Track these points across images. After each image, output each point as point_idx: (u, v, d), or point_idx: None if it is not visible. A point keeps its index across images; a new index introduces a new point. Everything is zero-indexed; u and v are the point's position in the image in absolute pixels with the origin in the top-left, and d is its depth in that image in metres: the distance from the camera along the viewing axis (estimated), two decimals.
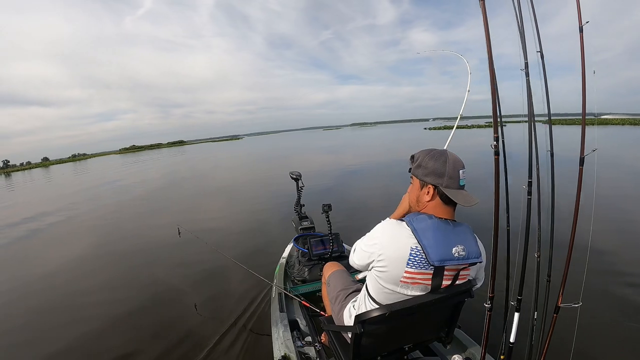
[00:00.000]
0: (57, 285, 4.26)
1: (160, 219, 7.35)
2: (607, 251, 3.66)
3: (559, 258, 1.52)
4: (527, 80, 1.36)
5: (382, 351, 1.41)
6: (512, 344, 1.48)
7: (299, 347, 1.92)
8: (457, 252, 1.10)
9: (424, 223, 1.12)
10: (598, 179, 1.45)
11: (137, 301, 3.50)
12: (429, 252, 1.08)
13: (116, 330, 3.01)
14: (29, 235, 7.25)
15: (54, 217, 8.76)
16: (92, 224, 7.69)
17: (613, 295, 2.83)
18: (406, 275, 1.13)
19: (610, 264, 3.38)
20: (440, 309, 1.34)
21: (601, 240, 3.90)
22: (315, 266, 2.81)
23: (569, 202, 1.51)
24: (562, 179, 1.67)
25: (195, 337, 2.77)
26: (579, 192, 1.43)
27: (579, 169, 1.39)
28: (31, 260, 5.59)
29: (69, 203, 10.99)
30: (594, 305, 2.60)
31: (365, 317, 1.21)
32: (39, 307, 3.62)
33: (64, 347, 2.81)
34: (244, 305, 3.17)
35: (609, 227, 4.43)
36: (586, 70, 1.26)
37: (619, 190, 6.52)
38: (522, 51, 1.37)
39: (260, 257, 4.26)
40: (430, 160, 1.16)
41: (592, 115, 1.29)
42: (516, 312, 1.48)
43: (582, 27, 1.26)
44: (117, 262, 4.90)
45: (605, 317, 2.51)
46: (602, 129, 28.32)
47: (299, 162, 17.73)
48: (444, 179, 1.13)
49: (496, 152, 1.19)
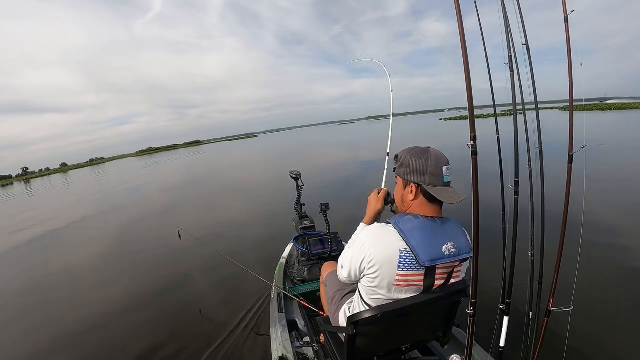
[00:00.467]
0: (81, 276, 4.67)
1: (178, 218, 7.54)
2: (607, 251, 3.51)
3: (550, 260, 1.45)
4: (511, 74, 1.30)
5: (379, 351, 1.39)
6: (502, 348, 1.43)
7: (297, 347, 1.93)
8: (448, 250, 1.09)
9: (411, 224, 1.10)
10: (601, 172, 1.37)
11: (135, 303, 3.62)
12: (418, 253, 1.06)
13: (122, 325, 3.19)
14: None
15: (88, 221, 9.07)
16: (94, 233, 7.76)
17: (607, 297, 2.71)
18: (398, 279, 1.11)
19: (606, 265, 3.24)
20: (436, 308, 1.31)
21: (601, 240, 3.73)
22: (314, 266, 2.81)
23: (559, 201, 1.44)
24: (551, 177, 1.59)
25: (194, 337, 2.81)
26: (568, 191, 1.35)
27: (568, 167, 1.32)
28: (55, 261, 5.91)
29: (86, 209, 11.33)
30: (586, 307, 2.49)
31: (357, 318, 1.19)
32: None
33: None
34: (244, 305, 3.20)
35: (609, 227, 4.21)
36: (573, 61, 1.19)
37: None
38: (507, 45, 1.31)
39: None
40: (412, 159, 1.14)
41: (580, 101, 1.21)
42: (505, 316, 1.43)
43: (567, 17, 1.19)
44: (118, 261, 5.21)
45: (599, 320, 2.41)
46: (617, 114, 26.87)
47: (312, 158, 17.68)
48: (426, 176, 1.11)
49: (473, 151, 1.13)
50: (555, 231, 1.50)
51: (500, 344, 1.45)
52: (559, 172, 1.41)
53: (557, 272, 1.38)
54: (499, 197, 1.87)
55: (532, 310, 1.51)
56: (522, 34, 1.32)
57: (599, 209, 4.63)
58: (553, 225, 1.54)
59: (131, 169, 32.68)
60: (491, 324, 1.69)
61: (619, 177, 6.58)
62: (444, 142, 16.35)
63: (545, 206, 1.52)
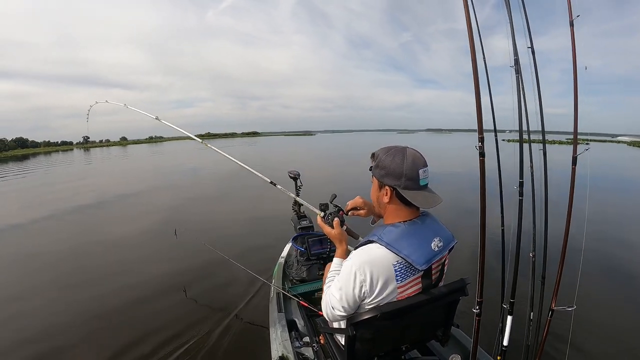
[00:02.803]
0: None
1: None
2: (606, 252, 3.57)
3: (553, 260, 1.48)
4: (517, 77, 1.31)
5: (378, 352, 1.39)
6: (505, 347, 1.45)
7: (297, 347, 1.92)
8: (436, 246, 1.08)
9: (393, 234, 1.08)
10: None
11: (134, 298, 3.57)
12: (412, 260, 1.04)
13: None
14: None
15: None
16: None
17: (608, 297, 2.76)
18: (400, 290, 1.10)
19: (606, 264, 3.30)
20: (435, 308, 1.31)
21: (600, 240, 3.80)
22: (313, 266, 2.80)
23: (562, 203, 1.46)
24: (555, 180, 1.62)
25: (193, 337, 2.78)
26: (572, 193, 1.37)
27: (572, 168, 1.33)
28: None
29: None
30: (589, 307, 2.53)
31: (357, 319, 1.19)
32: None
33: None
34: (243, 305, 3.18)
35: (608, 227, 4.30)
36: (577, 65, 1.21)
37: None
38: (512, 47, 1.32)
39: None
40: (387, 160, 1.10)
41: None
42: (509, 315, 1.44)
43: (573, 21, 1.21)
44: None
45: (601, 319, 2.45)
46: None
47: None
48: (401, 180, 1.07)
49: (481, 153, 1.14)
50: (557, 231, 1.53)
51: (504, 342, 1.47)
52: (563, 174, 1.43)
53: (561, 272, 1.40)
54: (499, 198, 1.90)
55: (534, 310, 1.53)
56: (527, 37, 1.34)
57: (602, 210, 4.70)
58: (555, 226, 1.56)
59: (187, 151, 32.99)
60: (491, 324, 1.71)
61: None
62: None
63: (548, 206, 1.54)
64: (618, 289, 2.94)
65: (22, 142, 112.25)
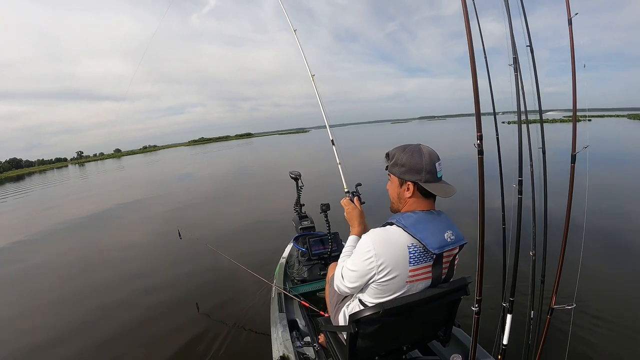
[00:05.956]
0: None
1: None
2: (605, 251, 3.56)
3: (553, 258, 1.47)
4: (515, 75, 1.32)
5: (380, 351, 1.39)
6: (505, 345, 1.44)
7: (298, 347, 1.92)
8: (449, 237, 1.13)
9: (412, 219, 1.15)
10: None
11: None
12: (427, 243, 1.09)
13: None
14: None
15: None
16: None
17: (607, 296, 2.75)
18: (411, 274, 1.14)
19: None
20: (436, 307, 1.32)
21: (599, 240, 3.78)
22: (314, 266, 2.80)
23: (561, 201, 1.46)
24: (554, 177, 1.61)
25: (193, 337, 2.79)
26: (571, 191, 1.37)
27: (571, 166, 1.33)
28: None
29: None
30: (589, 305, 2.53)
31: (358, 316, 1.19)
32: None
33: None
34: (244, 305, 3.19)
35: (608, 227, 4.27)
36: (576, 63, 1.21)
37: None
38: (511, 45, 1.33)
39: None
40: (406, 158, 1.17)
41: (583, 111, 1.24)
42: (509, 313, 1.44)
43: (571, 19, 1.21)
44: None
45: (601, 318, 2.44)
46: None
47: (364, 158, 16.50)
48: (422, 174, 1.15)
49: (480, 151, 1.15)
50: (557, 229, 1.52)
51: (504, 341, 1.46)
52: (562, 172, 1.42)
53: (560, 270, 1.39)
54: (499, 196, 1.89)
55: (534, 308, 1.52)
56: (525, 36, 1.34)
57: (602, 208, 4.68)
58: (555, 224, 1.56)
59: (182, 157, 34.21)
60: (490, 323, 1.70)
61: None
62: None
63: (548, 205, 1.53)
64: (618, 287, 2.93)
65: (16, 162, 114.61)
